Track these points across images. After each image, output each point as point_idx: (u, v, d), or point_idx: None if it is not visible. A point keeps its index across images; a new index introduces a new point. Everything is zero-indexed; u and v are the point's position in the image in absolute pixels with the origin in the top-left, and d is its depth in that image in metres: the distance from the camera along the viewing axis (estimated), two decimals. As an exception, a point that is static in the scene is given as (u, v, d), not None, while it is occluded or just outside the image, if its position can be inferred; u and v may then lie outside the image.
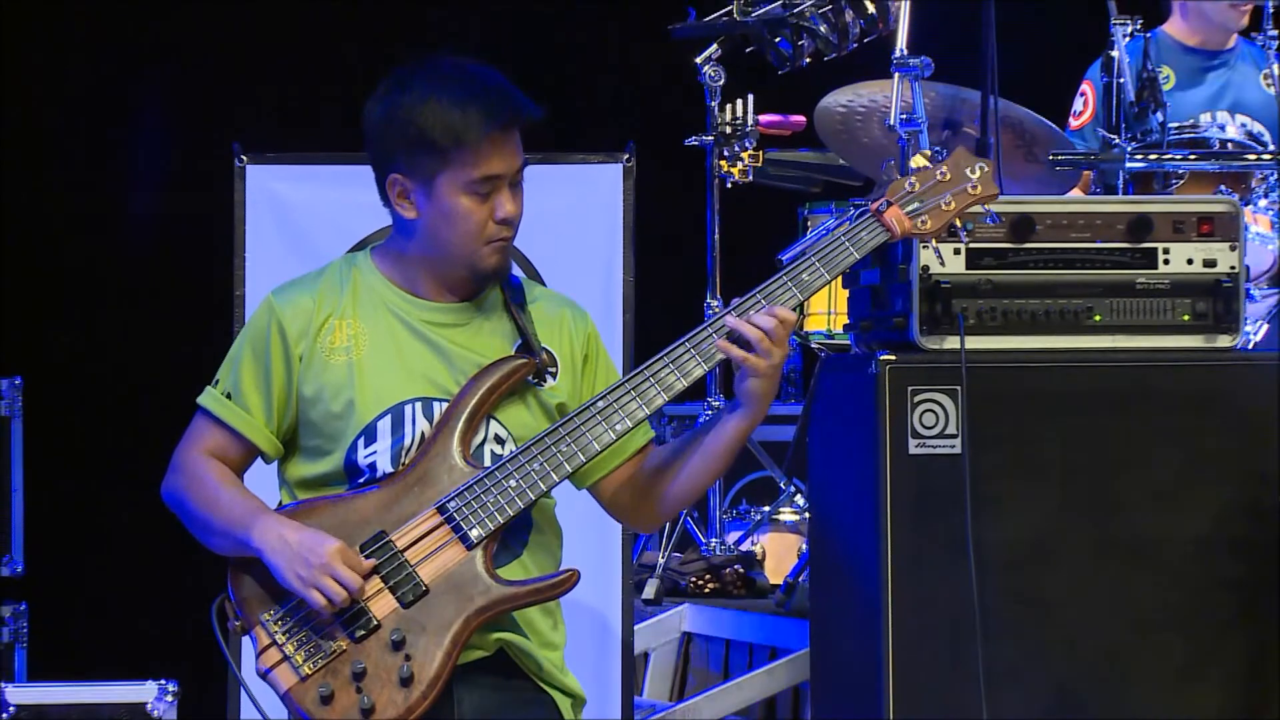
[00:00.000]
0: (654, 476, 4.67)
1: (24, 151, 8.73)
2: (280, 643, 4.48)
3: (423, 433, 4.55)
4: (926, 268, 5.62)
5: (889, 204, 4.63)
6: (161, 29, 8.82)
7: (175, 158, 8.61)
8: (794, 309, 4.55)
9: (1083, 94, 7.61)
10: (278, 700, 4.50)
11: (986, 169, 4.71)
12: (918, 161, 4.81)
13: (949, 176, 4.68)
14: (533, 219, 4.70)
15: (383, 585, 4.46)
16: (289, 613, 4.48)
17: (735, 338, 4.50)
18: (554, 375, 4.63)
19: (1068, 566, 5.60)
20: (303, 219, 6.46)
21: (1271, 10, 7.21)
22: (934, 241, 4.92)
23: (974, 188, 4.70)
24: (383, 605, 4.45)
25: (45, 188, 8.78)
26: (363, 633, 4.44)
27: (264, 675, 4.49)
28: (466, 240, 4.55)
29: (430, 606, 4.46)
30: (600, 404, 4.54)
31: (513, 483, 4.51)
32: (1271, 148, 7.13)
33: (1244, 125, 7.28)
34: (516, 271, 4.74)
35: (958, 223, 4.71)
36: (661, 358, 4.54)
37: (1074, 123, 7.54)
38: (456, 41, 8.75)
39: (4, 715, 6.44)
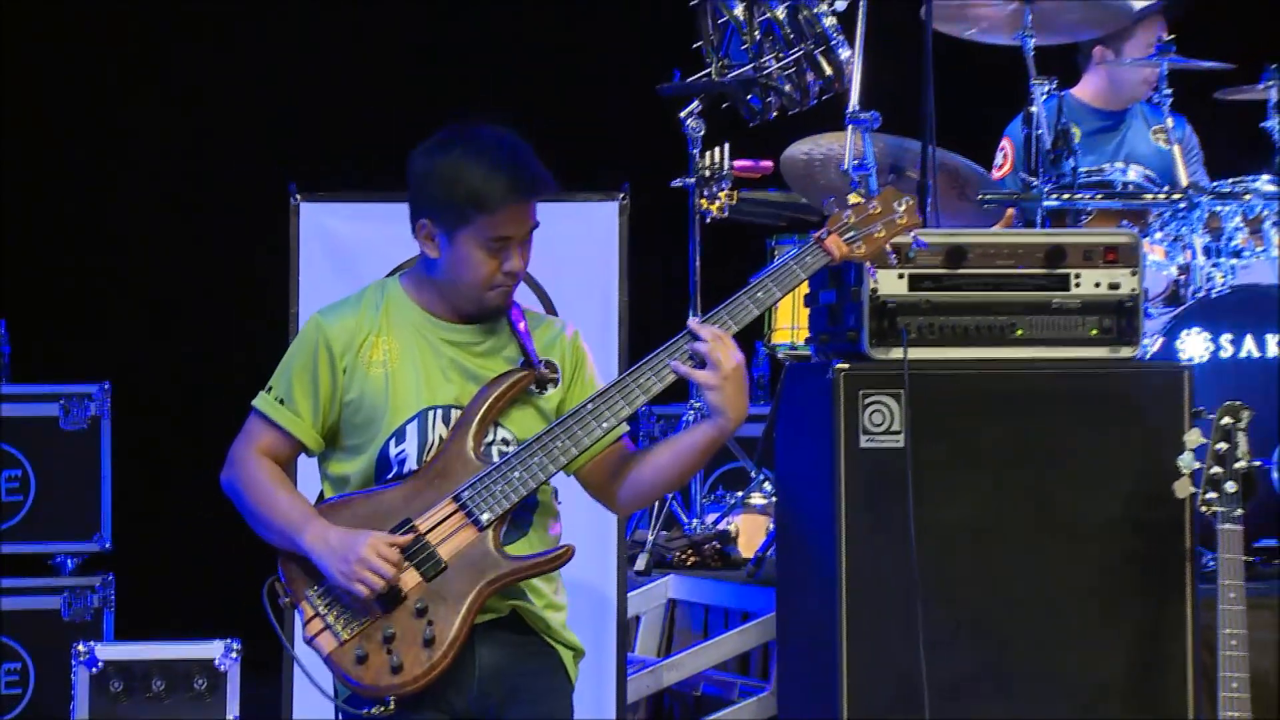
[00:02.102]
0: (627, 465, 4.67)
1: (110, 195, 8.70)
2: (323, 613, 4.50)
3: (441, 435, 4.57)
4: (875, 290, 5.61)
5: (829, 233, 4.70)
6: (238, 82, 8.79)
7: (240, 193, 8.55)
8: (751, 320, 4.61)
9: (1002, 149, 7.60)
10: (321, 663, 4.53)
11: (911, 203, 4.76)
12: (854, 198, 4.84)
13: (879, 210, 4.75)
14: (542, 248, 4.70)
15: (409, 563, 4.47)
16: (329, 589, 4.50)
17: (690, 352, 4.55)
18: (555, 384, 4.64)
19: (996, 543, 5.59)
20: (347, 247, 6.45)
21: (1166, 72, 7.18)
22: (875, 268, 4.93)
23: (900, 219, 4.76)
24: (409, 580, 4.46)
25: (130, 223, 8.75)
26: (392, 603, 4.46)
27: (309, 642, 4.52)
28: (476, 284, 4.58)
29: (449, 580, 4.47)
30: (590, 406, 4.55)
31: (516, 474, 4.52)
32: (1165, 189, 7.10)
33: (1140, 172, 7.25)
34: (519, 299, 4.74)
35: (889, 248, 4.74)
36: (639, 365, 4.58)
37: (995, 174, 7.52)
38: (485, 93, 8.72)
39: (94, 669, 6.42)
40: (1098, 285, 5.71)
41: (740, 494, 7.61)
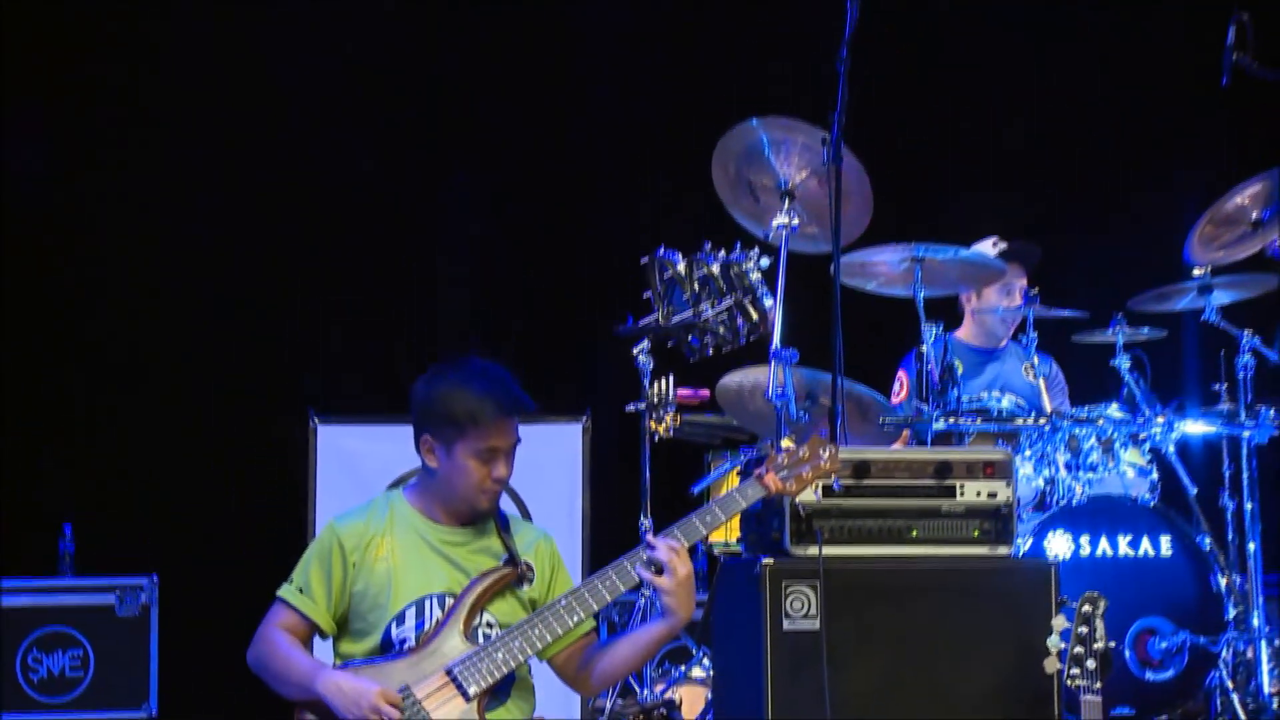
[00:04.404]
0: (594, 656, 4.69)
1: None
2: None
3: (437, 619, 4.59)
4: (795, 499, 5.58)
5: (767, 471, 4.87)
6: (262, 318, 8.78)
7: (265, 414, 8.52)
8: (699, 538, 4.72)
9: (899, 379, 7.63)
10: None
11: (835, 450, 4.93)
12: (787, 444, 4.93)
13: (807, 455, 4.92)
14: (518, 462, 4.74)
15: None
16: None
17: (650, 561, 4.59)
18: (530, 581, 4.66)
19: (897, 709, 5.51)
20: (358, 461, 6.46)
21: (1032, 319, 7.24)
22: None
23: (825, 463, 4.96)
24: (407, 739, 4.45)
25: (173, 444, 8.69)
26: None
27: None
28: (470, 489, 4.62)
29: None
30: (563, 602, 4.60)
31: (500, 654, 4.54)
32: (1033, 415, 7.13)
33: (1013, 400, 7.28)
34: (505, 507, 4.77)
35: (813, 485, 4.99)
36: (606, 570, 4.62)
37: (893, 400, 7.55)
38: (473, 335, 8.76)
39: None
40: (979, 494, 5.70)
41: (683, 668, 7.54)
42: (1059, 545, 6.69)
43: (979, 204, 8.82)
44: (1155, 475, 7.02)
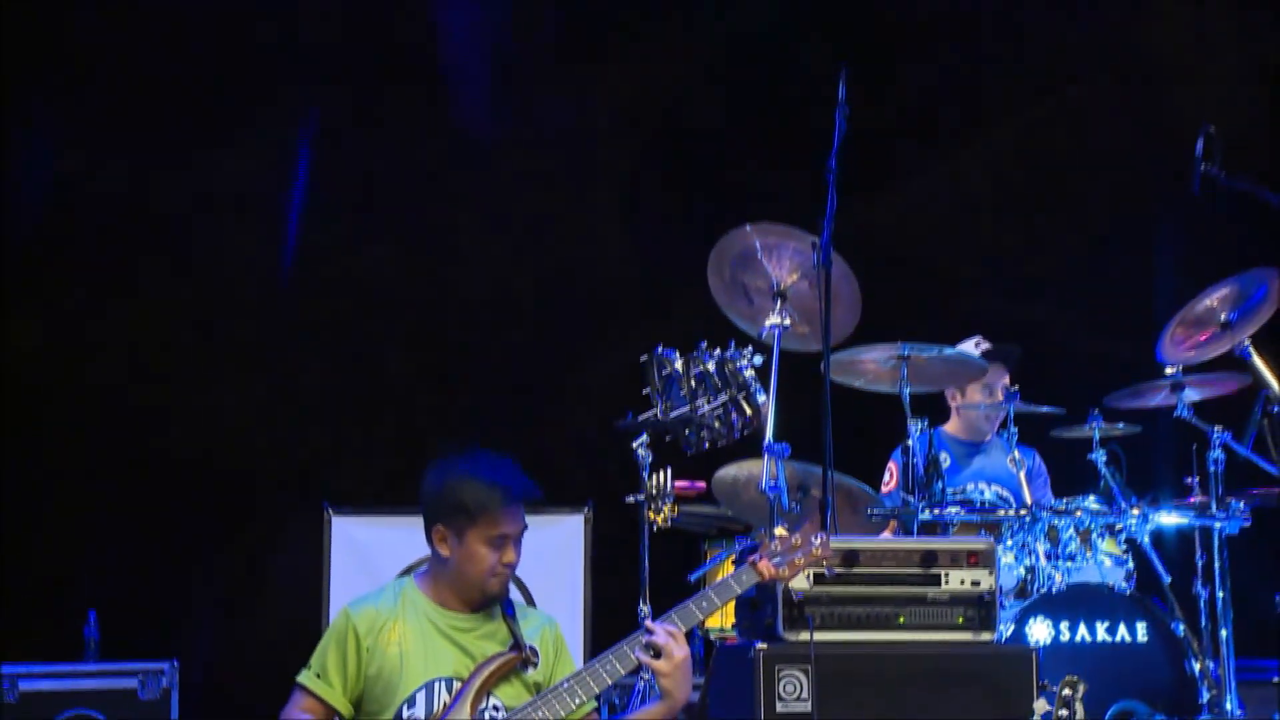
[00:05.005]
0: None
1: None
2: None
3: (444, 702, 4.58)
4: (788, 586, 5.60)
5: (761, 557, 4.87)
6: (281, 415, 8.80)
7: (276, 507, 8.53)
8: (696, 623, 4.70)
9: (889, 469, 7.64)
10: None
11: (826, 537, 4.93)
12: (780, 532, 4.95)
13: (800, 543, 4.91)
14: (525, 550, 4.74)
15: None
16: None
17: (648, 645, 4.59)
18: (535, 665, 4.65)
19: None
20: (371, 551, 6.46)
21: (1014, 415, 7.27)
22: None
23: (816, 550, 4.93)
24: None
25: (189, 536, 8.69)
26: None
27: None
28: (481, 574, 4.63)
29: None
30: (566, 684, 4.59)
31: (504, 736, 4.53)
32: (1015, 506, 7.14)
33: (996, 491, 7.29)
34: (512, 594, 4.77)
35: (806, 572, 4.98)
36: (606, 654, 4.63)
37: (883, 489, 7.56)
38: (477, 428, 8.77)
39: None
40: (963, 582, 5.72)
41: (680, 749, 7.52)
42: (1040, 631, 6.68)
43: (963, 305, 8.87)
44: (1131, 564, 7.03)
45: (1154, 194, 8.85)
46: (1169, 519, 7.01)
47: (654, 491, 7.54)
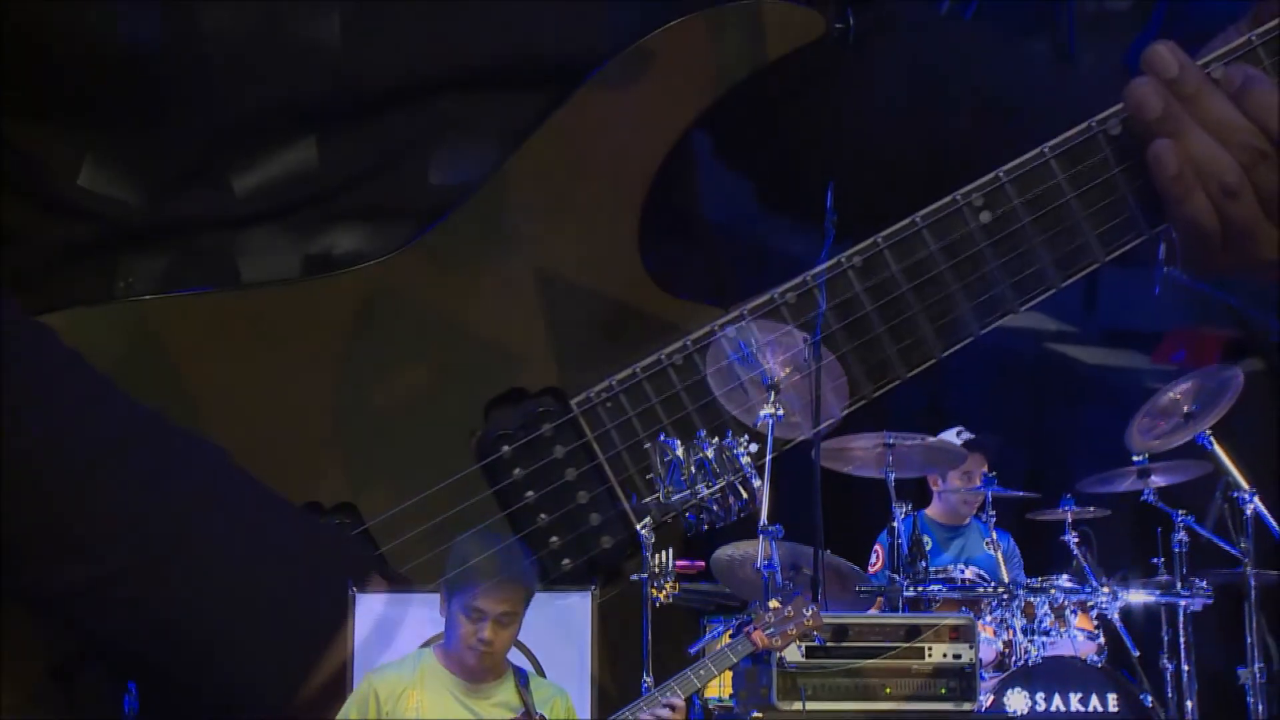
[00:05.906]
0: None
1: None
2: None
3: (461, 766, 4.58)
4: (781, 657, 5.62)
5: (755, 628, 4.95)
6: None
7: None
8: (694, 692, 4.77)
9: (876, 551, 7.65)
10: None
11: (816, 609, 4.99)
12: (773, 604, 4.98)
13: (792, 614, 4.94)
14: (536, 624, 4.76)
15: None
16: None
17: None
18: (544, 734, 4.67)
19: None
20: (392, 627, 6.46)
21: (991, 499, 7.31)
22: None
23: (808, 621, 4.99)
24: None
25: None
26: None
27: None
28: (458, 643, 4.69)
29: None
30: None
31: (515, 801, 4.53)
32: (993, 585, 7.17)
33: (976, 571, 7.32)
34: (522, 664, 4.78)
35: (798, 642, 5.02)
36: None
37: (870, 570, 7.58)
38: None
39: None
40: (945, 655, 5.75)
41: (681, 814, 7.47)
42: (1017, 702, 6.70)
43: (946, 397, 8.91)
44: (1102, 639, 7.06)
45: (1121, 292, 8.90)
46: (1137, 596, 7.04)
47: (656, 570, 7.55)
